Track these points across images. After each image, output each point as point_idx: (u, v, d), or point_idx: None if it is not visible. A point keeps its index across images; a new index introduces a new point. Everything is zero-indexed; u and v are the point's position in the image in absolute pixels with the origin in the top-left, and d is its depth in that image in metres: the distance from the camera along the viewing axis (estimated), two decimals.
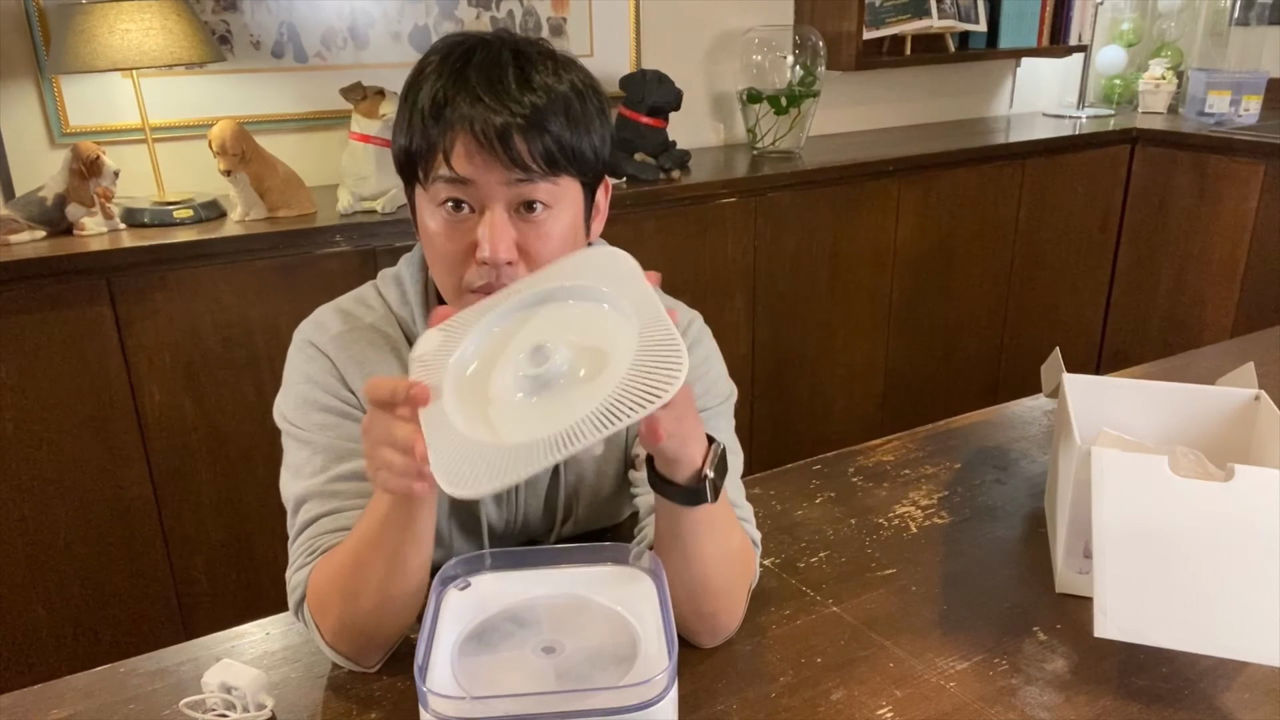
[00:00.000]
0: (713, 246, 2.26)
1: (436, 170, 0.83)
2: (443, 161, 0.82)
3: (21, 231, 1.72)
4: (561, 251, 0.86)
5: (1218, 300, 2.78)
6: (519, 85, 0.82)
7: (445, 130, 0.81)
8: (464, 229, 0.84)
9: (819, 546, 1.04)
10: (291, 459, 0.92)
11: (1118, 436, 1.03)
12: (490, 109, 0.80)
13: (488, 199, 0.83)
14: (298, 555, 0.87)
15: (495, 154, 0.81)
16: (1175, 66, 3.25)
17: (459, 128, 0.81)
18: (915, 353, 2.71)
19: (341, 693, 0.82)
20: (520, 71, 0.82)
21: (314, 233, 1.82)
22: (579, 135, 0.84)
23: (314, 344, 0.93)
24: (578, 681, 0.67)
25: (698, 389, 0.98)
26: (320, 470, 0.89)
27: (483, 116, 0.80)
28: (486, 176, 0.82)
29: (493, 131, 0.80)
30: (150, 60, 1.74)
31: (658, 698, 0.66)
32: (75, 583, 1.78)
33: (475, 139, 0.80)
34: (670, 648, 0.69)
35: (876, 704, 0.80)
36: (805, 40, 2.53)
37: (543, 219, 0.84)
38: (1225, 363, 1.24)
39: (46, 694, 0.83)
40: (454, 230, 0.84)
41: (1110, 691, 0.81)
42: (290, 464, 0.92)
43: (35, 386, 1.66)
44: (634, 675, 0.67)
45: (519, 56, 0.84)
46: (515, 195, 0.83)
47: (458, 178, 0.82)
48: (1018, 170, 2.71)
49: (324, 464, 0.89)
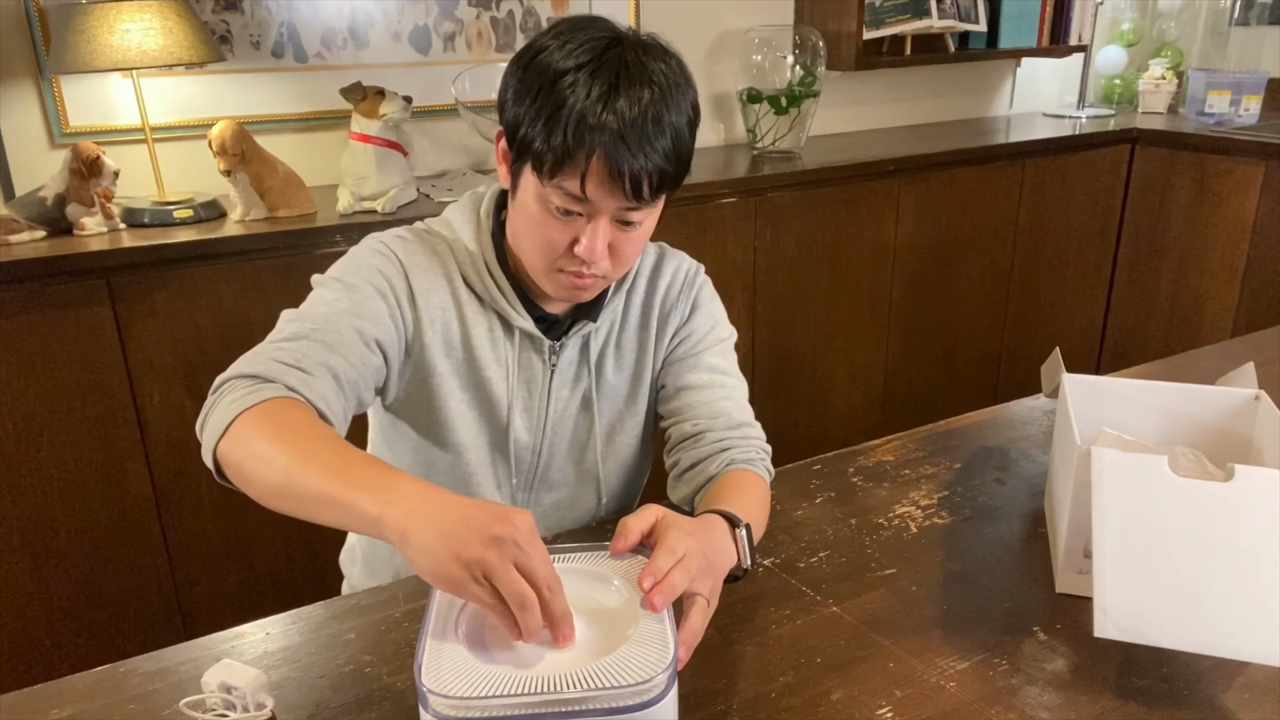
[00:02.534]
0: (713, 246, 2.26)
1: (562, 181, 0.90)
2: (576, 181, 0.89)
3: (21, 231, 1.72)
4: (641, 248, 1.01)
5: (1218, 300, 2.78)
6: (654, 127, 0.89)
7: (586, 155, 0.88)
8: (569, 228, 0.94)
9: (819, 546, 1.04)
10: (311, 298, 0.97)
11: (1118, 436, 1.03)
12: (630, 152, 0.88)
13: (598, 213, 0.93)
14: (270, 349, 0.89)
15: (622, 190, 0.90)
16: (1175, 66, 3.25)
17: (599, 158, 0.88)
18: (915, 353, 2.71)
19: (341, 692, 0.82)
20: (656, 110, 0.89)
21: (314, 233, 1.82)
22: (685, 166, 0.96)
23: (382, 241, 1.03)
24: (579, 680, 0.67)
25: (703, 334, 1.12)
26: (338, 311, 0.94)
27: (622, 157, 0.88)
28: (606, 202, 0.92)
29: (626, 172, 0.89)
30: (150, 60, 1.74)
31: (658, 697, 0.66)
32: (75, 583, 1.78)
33: (609, 173, 0.89)
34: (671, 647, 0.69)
35: (876, 704, 0.80)
36: (805, 40, 2.53)
37: (634, 229, 0.97)
38: (1225, 363, 1.24)
39: (46, 694, 0.83)
40: (558, 224, 0.94)
41: (1110, 691, 0.81)
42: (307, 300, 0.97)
43: (35, 386, 1.66)
44: (634, 675, 0.67)
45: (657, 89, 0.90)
46: (621, 215, 0.94)
47: (583, 198, 0.91)
48: (1018, 170, 2.71)
49: (345, 309, 0.95)
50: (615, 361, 1.11)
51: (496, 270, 1.03)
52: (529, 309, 1.05)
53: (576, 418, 1.11)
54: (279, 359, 0.88)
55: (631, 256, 0.99)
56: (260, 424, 0.81)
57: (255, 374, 0.86)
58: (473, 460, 1.08)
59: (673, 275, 1.12)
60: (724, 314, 1.16)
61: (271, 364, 0.87)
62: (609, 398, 1.12)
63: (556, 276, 0.98)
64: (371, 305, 0.97)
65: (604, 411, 1.12)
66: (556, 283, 0.99)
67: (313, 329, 0.92)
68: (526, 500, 1.13)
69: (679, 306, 1.12)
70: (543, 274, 0.99)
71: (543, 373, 1.08)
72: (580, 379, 1.10)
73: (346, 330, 0.94)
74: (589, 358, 1.09)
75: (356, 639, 0.89)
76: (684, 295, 1.12)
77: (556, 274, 0.98)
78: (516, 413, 1.07)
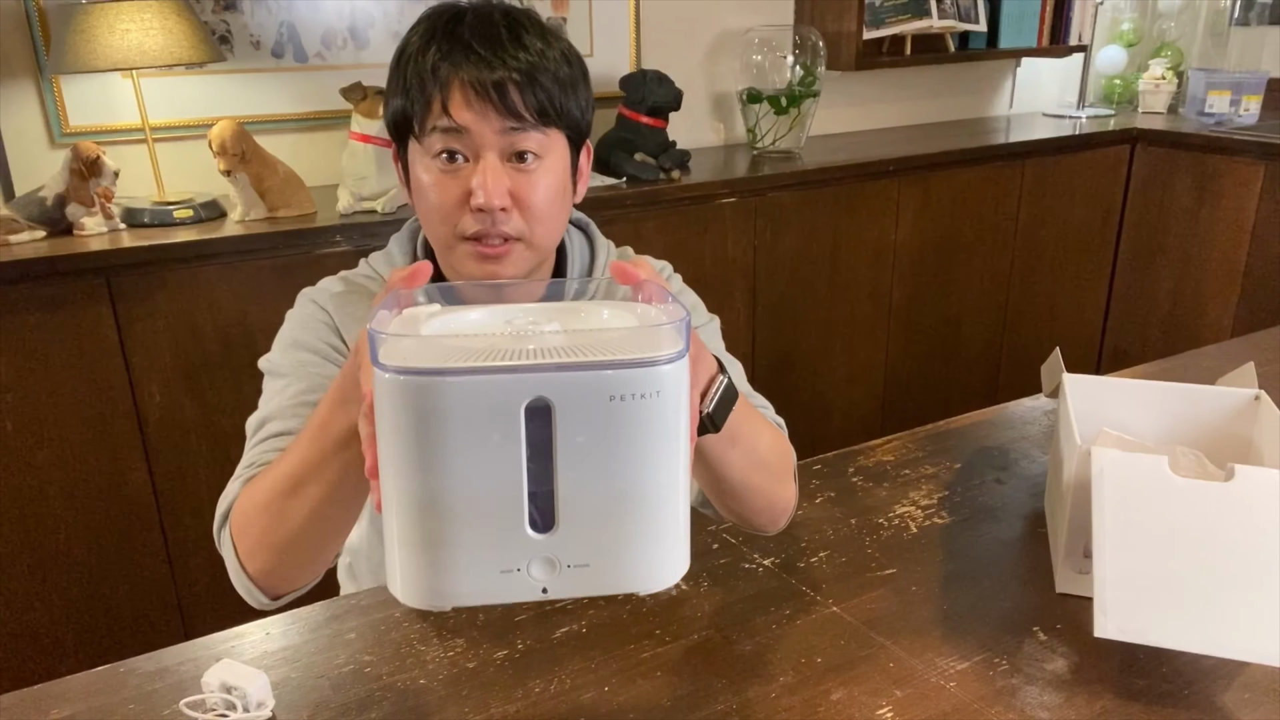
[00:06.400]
0: (713, 246, 2.26)
1: (433, 120, 0.86)
2: (440, 110, 0.85)
3: (21, 231, 1.72)
4: (552, 204, 0.91)
5: (1218, 300, 2.78)
6: (512, 44, 0.86)
7: (443, 84, 0.85)
8: (458, 179, 0.88)
9: (819, 546, 1.04)
10: (265, 394, 0.95)
11: (1118, 436, 1.02)
12: (487, 63, 0.85)
13: (482, 147, 0.87)
14: (242, 467, 0.90)
15: (490, 103, 0.85)
16: (1175, 66, 3.25)
17: (456, 80, 0.85)
18: (915, 353, 2.71)
19: (341, 692, 0.82)
20: (512, 33, 0.87)
21: (314, 233, 1.82)
22: (568, 95, 0.89)
23: (313, 300, 0.98)
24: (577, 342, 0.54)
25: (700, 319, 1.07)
26: (292, 398, 0.92)
27: (479, 69, 0.85)
28: (482, 125, 0.85)
29: (489, 83, 0.84)
30: (150, 60, 1.74)
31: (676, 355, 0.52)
32: (75, 583, 1.78)
33: (472, 89, 0.85)
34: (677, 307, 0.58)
35: (876, 704, 0.80)
36: (805, 40, 2.53)
37: (534, 168, 0.89)
38: (1225, 363, 1.24)
39: (46, 694, 0.83)
40: (448, 180, 0.88)
41: (1110, 691, 0.81)
42: (262, 399, 0.94)
43: (35, 386, 1.66)
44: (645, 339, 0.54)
45: (510, 20, 0.88)
46: (508, 144, 0.87)
47: (454, 126, 0.85)
48: (1018, 170, 2.71)
49: (297, 392, 0.92)
50: None
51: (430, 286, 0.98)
52: None
53: None
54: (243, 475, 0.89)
55: (546, 210, 0.90)
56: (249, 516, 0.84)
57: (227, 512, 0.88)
58: None
59: None
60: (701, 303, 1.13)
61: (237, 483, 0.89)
62: None
63: (462, 249, 0.89)
64: (313, 370, 0.94)
65: None
66: (465, 258, 0.90)
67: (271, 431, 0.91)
68: None
69: None
70: (450, 252, 0.91)
71: None
72: None
73: (302, 410, 0.91)
74: None
75: (356, 639, 0.89)
76: None
77: (462, 245, 0.89)
78: None
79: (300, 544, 0.82)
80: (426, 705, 0.81)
